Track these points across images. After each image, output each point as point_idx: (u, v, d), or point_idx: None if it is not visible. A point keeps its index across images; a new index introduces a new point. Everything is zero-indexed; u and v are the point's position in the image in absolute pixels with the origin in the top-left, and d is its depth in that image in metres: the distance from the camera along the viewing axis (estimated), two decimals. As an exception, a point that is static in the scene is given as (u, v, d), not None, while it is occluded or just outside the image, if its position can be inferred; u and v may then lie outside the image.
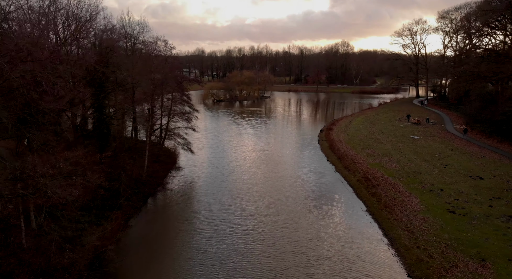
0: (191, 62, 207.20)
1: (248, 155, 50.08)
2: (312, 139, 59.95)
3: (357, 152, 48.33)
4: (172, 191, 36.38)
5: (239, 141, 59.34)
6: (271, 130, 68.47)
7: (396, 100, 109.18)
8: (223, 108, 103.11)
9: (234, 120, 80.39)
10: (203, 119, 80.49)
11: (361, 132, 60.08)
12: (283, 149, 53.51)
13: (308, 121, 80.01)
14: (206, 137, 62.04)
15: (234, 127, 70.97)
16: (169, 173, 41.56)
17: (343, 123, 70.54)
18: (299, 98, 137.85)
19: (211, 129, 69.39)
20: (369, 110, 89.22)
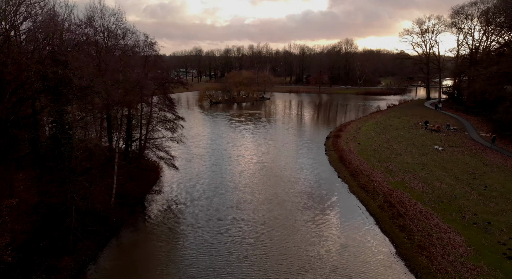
0: (189, 62, 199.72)
1: (245, 169, 42.79)
2: (318, 148, 52.64)
3: (373, 166, 41.03)
4: (147, 222, 29.07)
5: (235, 149, 52.05)
6: (271, 136, 61.20)
7: (406, 103, 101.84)
8: (220, 111, 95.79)
9: (230, 124, 73.09)
10: (196, 124, 73.17)
11: (373, 141, 52.75)
12: (285, 160, 46.21)
13: (312, 127, 72.71)
14: (197, 145, 54.73)
15: (231, 133, 63.68)
16: (148, 195, 34.31)
17: (351, 130, 63.23)
18: (301, 99, 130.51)
19: (205, 135, 62.08)
20: (378, 114, 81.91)
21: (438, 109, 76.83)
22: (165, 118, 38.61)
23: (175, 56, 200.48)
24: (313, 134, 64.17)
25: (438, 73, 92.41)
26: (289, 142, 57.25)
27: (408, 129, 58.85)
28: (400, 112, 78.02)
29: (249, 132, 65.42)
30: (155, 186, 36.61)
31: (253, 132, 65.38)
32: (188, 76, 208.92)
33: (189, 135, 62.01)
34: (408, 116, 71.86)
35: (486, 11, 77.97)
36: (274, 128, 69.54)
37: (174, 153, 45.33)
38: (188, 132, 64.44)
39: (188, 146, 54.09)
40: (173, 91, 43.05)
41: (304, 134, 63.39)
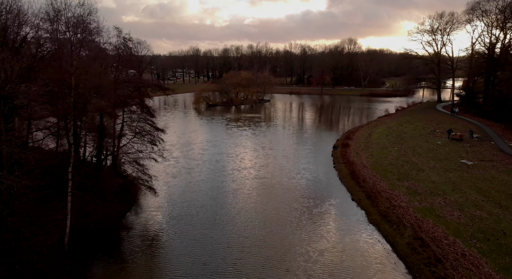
0: (186, 62, 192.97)
1: (240, 187, 36.20)
2: (325, 160, 46.04)
3: (392, 186, 34.46)
4: (109, 270, 22.40)
5: (230, 161, 45.43)
6: (271, 145, 54.62)
7: (415, 106, 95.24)
8: (216, 114, 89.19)
9: (226, 130, 66.46)
10: (189, 129, 66.52)
11: (388, 152, 46.15)
12: (287, 175, 39.61)
13: (316, 133, 66.08)
14: (187, 155, 48.10)
15: (226, 141, 57.08)
16: (120, 224, 27.68)
17: (361, 137, 56.63)
18: (302, 101, 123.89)
19: (197, 143, 55.45)
20: (388, 118, 75.30)
21: (454, 114, 70.16)
22: (142, 129, 31.97)
23: (172, 56, 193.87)
24: (318, 142, 57.55)
25: (452, 74, 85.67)
26: (291, 151, 50.63)
27: (426, 138, 52.19)
28: (412, 117, 71.36)
29: (247, 139, 58.83)
30: (130, 213, 29.99)
31: (251, 139, 58.79)
32: (186, 77, 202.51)
33: (179, 143, 55.57)
34: (422, 122, 65.22)
35: (505, 6, 71.59)
36: (274, 134, 62.94)
37: (157, 167, 39.06)
38: (178, 140, 58.05)
39: (177, 156, 47.53)
40: (151, 97, 36.23)
41: (308, 142, 56.77)
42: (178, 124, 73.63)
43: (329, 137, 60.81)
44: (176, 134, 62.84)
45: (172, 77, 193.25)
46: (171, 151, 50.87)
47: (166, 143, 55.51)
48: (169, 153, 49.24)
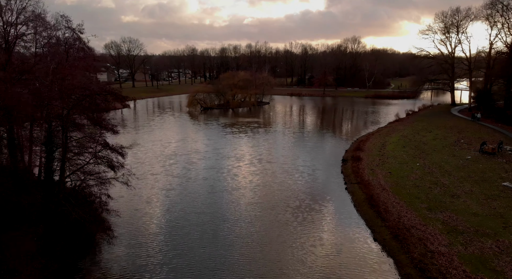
0: (182, 62, 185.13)
1: (230, 216, 28.76)
2: (334, 179, 38.54)
3: (423, 218, 27.05)
4: None
5: (220, 180, 37.88)
6: (270, 157, 47.15)
7: (427, 109, 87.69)
8: (210, 118, 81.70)
9: (220, 138, 58.93)
10: (177, 137, 58.72)
11: (409, 169, 38.66)
12: (288, 199, 32.14)
13: (320, 141, 58.55)
14: (169, 171, 40.52)
15: (218, 151, 49.56)
16: None
17: (373, 148, 49.16)
18: (304, 104, 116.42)
19: (184, 154, 47.84)
20: (400, 124, 67.78)
21: (476, 120, 62.51)
22: (94, 150, 24.55)
23: (167, 56, 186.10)
24: (324, 153, 50.01)
25: (469, 75, 78.06)
26: (293, 166, 43.10)
27: (451, 151, 44.64)
28: (428, 123, 63.80)
29: (242, 149, 51.32)
30: (86, 261, 22.49)
31: (247, 149, 51.28)
32: (182, 77, 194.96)
33: (164, 154, 48.07)
34: (441, 129, 57.69)
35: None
36: (273, 143, 55.42)
37: (127, 192, 31.45)
38: (163, 150, 50.50)
39: (157, 172, 39.98)
40: (105, 109, 28.69)
41: (312, 154, 49.24)
42: (166, 131, 66.13)
43: (336, 147, 53.30)
44: (162, 143, 55.34)
45: (168, 78, 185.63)
46: (152, 164, 43.42)
47: (148, 154, 48.37)
48: (150, 167, 41.84)
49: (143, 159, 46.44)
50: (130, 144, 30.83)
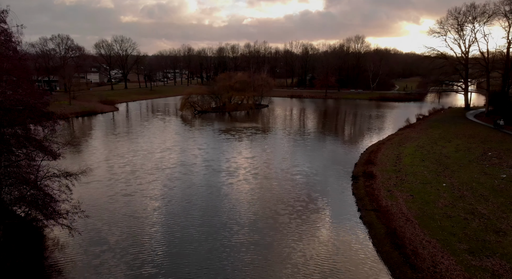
0: (177, 62, 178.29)
1: (214, 264, 22.03)
2: (345, 203, 31.87)
3: (465, 267, 20.47)
4: None
5: (206, 200, 31.16)
6: (267, 169, 40.50)
7: (439, 114, 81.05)
8: (204, 123, 75.07)
9: (213, 146, 52.26)
10: (164, 146, 51.76)
11: (435, 191, 32.00)
12: (288, 234, 25.50)
13: (325, 152, 51.87)
14: (146, 191, 33.79)
15: (208, 163, 42.86)
16: None
17: (387, 161, 42.51)
18: (305, 107, 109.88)
19: (167, 168, 41.03)
20: (412, 131, 61.13)
21: (499, 127, 55.76)
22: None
23: (162, 56, 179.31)
24: (331, 167, 43.27)
25: (486, 76, 71.37)
26: (294, 185, 36.40)
27: (480, 166, 37.94)
28: (445, 131, 57.17)
29: (235, 161, 44.62)
30: None
31: (241, 162, 44.59)
32: (178, 78, 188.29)
33: (145, 168, 41.18)
34: (460, 138, 51.05)
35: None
36: (272, 154, 48.74)
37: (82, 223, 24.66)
38: (145, 163, 43.53)
39: (131, 192, 33.06)
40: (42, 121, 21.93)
41: (316, 166, 42.56)
42: (153, 138, 59.42)
43: (344, 159, 46.61)
44: (145, 153, 48.63)
45: (163, 79, 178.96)
46: (128, 181, 36.65)
47: (126, 168, 41.07)
48: (124, 186, 34.99)
49: (118, 174, 39.77)
50: (82, 169, 23.80)
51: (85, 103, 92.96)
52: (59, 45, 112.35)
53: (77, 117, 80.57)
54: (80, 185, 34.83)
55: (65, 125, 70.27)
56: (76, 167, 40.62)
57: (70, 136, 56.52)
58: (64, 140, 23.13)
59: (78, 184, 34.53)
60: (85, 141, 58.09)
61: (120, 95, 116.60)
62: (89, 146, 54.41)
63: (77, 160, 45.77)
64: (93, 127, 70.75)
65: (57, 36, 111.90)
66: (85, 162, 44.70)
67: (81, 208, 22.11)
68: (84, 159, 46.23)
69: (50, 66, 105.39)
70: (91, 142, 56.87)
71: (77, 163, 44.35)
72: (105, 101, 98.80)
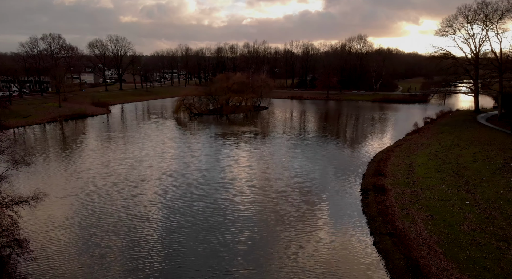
0: (175, 62, 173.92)
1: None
2: (355, 223, 27.70)
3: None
4: None
5: (190, 231, 27.00)
6: (266, 182, 36.36)
7: (447, 117, 76.89)
8: (200, 127, 70.93)
9: (207, 153, 48.05)
10: (152, 153, 47.42)
11: (457, 210, 27.86)
12: (292, 267, 21.39)
13: (329, 160, 47.71)
14: (126, 210, 29.59)
15: (199, 174, 38.68)
16: None
17: (398, 171, 38.36)
18: (306, 109, 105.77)
19: (152, 179, 36.81)
20: (421, 136, 56.99)
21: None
22: None
23: (159, 56, 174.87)
24: (336, 179, 39.08)
25: (499, 77, 67.15)
26: (296, 201, 32.25)
27: (505, 179, 33.76)
28: (458, 137, 53.04)
29: (231, 171, 40.44)
30: None
31: (237, 171, 40.42)
32: (176, 79, 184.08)
33: (128, 180, 36.82)
34: (476, 145, 46.90)
35: None
36: (271, 162, 44.57)
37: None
38: (130, 173, 38.74)
39: (110, 211, 28.83)
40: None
41: (321, 179, 38.42)
42: (143, 144, 55.23)
43: (349, 168, 42.44)
44: (132, 162, 44.39)
45: (161, 79, 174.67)
46: (109, 195, 32.42)
47: (108, 181, 35.79)
48: (105, 200, 30.72)
49: (99, 186, 35.59)
50: (34, 195, 19.41)
51: (76, 105, 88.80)
52: (51, 45, 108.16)
53: (66, 120, 76.33)
54: (54, 201, 30.81)
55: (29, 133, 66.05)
56: (45, 182, 36.51)
57: (26, 150, 51.94)
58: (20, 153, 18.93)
59: (50, 201, 30.64)
60: (70, 146, 53.92)
61: (114, 97, 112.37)
62: (72, 153, 50.25)
63: (55, 170, 41.59)
64: (80, 132, 66.59)
65: (49, 35, 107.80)
66: (65, 171, 40.54)
67: (30, 247, 17.87)
68: (64, 168, 42.06)
69: (40, 66, 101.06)
70: (75, 149, 52.70)
71: (55, 173, 40.20)
72: (97, 103, 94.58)
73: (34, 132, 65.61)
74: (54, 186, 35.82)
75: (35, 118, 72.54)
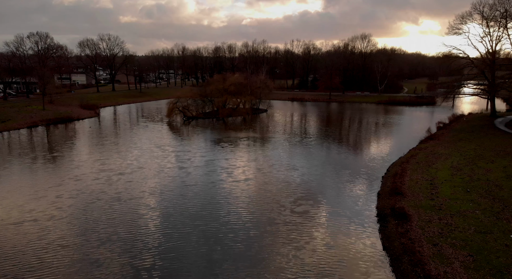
0: (171, 62, 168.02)
1: None
2: (373, 263, 21.96)
3: None
4: None
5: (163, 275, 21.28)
6: (263, 204, 30.64)
7: (461, 121, 71.19)
8: (193, 132, 65.29)
9: (196, 164, 42.31)
10: (135, 164, 41.48)
11: (502, 246, 22.16)
12: None
13: (335, 174, 41.99)
14: (95, 240, 23.85)
15: (183, 192, 32.95)
16: None
17: (418, 190, 32.59)
18: (307, 111, 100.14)
19: (129, 199, 31.04)
20: (437, 144, 51.27)
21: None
22: None
23: (154, 56, 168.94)
24: (347, 196, 33.29)
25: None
26: (297, 231, 26.50)
27: (551, 202, 28.00)
28: (479, 146, 47.29)
29: (223, 187, 34.69)
30: None
31: (229, 187, 34.67)
32: (172, 79, 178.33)
33: (104, 200, 30.97)
34: (504, 157, 41.13)
35: None
36: (268, 176, 38.84)
37: None
38: (106, 190, 32.90)
39: (69, 245, 22.99)
40: None
41: (327, 200, 32.67)
42: (126, 153, 49.50)
43: (361, 185, 36.72)
44: (110, 175, 38.58)
45: (157, 80, 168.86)
46: (77, 217, 26.59)
47: (79, 199, 29.47)
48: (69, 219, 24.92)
49: (64, 208, 29.82)
50: None
51: (62, 108, 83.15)
52: (38, 44, 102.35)
53: (48, 125, 70.56)
54: (5, 230, 25.15)
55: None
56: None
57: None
58: None
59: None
60: (43, 156, 48.13)
61: (105, 99, 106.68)
62: (45, 164, 44.49)
63: (16, 187, 35.71)
64: (61, 139, 60.85)
65: (35, 33, 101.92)
66: (28, 189, 34.70)
67: None
68: (29, 184, 36.24)
69: (25, 66, 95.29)
70: (49, 159, 46.96)
71: (15, 191, 34.33)
72: (86, 106, 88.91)
73: (10, 138, 59.86)
74: (10, 208, 30.04)
75: (14, 123, 66.83)
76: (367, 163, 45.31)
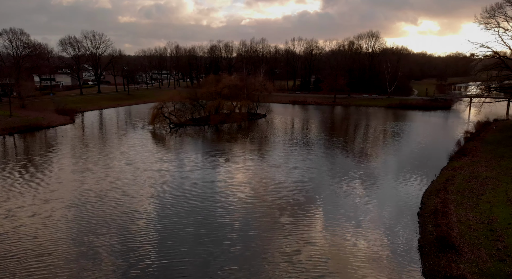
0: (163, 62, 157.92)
1: None
2: None
3: None
4: None
5: None
6: (255, 247, 20.92)
7: (491, 130, 61.38)
8: (177, 144, 55.63)
9: (172, 189, 32.61)
10: (97, 188, 31.54)
11: None
12: None
13: (355, 211, 32.27)
14: None
15: (155, 228, 23.25)
16: None
17: (475, 240, 22.88)
18: (310, 117, 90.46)
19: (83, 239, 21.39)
20: (474, 162, 41.53)
21: None
22: None
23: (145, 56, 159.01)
24: (376, 252, 23.55)
25: None
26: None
27: None
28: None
29: (202, 222, 24.94)
30: None
31: (213, 225, 24.92)
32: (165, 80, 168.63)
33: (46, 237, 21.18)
34: None
35: None
36: (261, 208, 29.12)
37: None
38: (49, 228, 23.54)
39: None
40: None
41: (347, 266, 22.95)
42: (89, 172, 39.71)
43: (391, 230, 26.94)
44: (61, 204, 28.78)
45: (148, 81, 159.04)
46: None
47: (17, 241, 21.26)
48: None
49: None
50: None
51: (34, 113, 73.53)
52: (12, 42, 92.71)
53: (11, 134, 60.79)
54: None
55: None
56: None
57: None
58: None
59: None
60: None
61: (87, 102, 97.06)
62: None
63: None
64: (18, 153, 51.21)
65: (9, 30, 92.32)
66: None
67: None
68: None
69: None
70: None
71: None
72: (62, 111, 79.20)
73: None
74: None
75: (-31, 132, 57.11)
76: (391, 190, 35.45)
